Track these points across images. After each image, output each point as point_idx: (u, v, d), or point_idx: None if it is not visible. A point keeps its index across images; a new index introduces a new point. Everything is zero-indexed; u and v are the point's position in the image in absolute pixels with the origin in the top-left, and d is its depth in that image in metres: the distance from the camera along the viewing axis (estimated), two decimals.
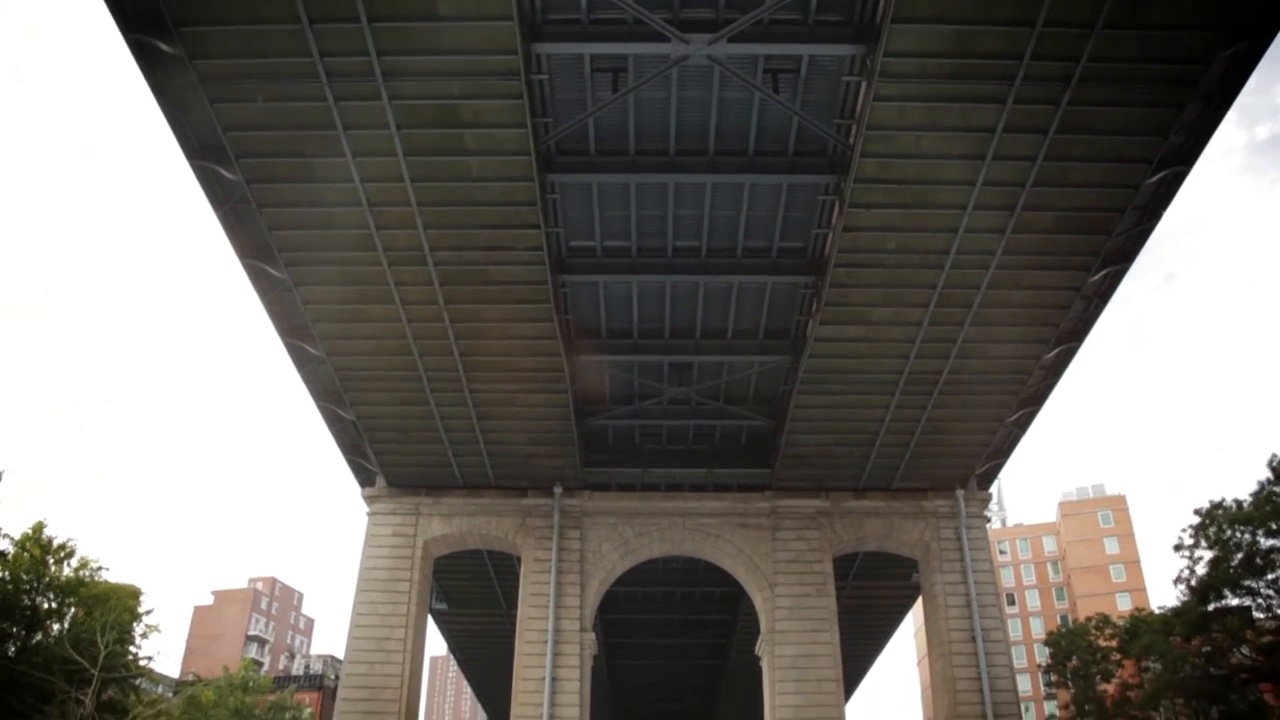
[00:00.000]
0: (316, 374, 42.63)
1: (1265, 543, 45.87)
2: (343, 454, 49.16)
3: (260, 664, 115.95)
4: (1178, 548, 48.59)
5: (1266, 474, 45.91)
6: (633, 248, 36.83)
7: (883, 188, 31.08)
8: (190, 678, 65.20)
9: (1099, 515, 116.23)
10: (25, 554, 43.88)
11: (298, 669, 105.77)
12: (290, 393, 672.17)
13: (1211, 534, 47.07)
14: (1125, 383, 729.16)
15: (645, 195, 34.55)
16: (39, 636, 43.89)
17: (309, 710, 70.05)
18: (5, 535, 42.86)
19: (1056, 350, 40.24)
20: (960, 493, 47.99)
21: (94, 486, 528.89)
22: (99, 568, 46.68)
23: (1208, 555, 47.85)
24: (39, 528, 44.98)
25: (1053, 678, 66.50)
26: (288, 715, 58.99)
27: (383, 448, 45.90)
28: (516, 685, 45.35)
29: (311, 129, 28.90)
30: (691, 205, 34.87)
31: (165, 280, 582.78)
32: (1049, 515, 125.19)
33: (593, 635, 46.69)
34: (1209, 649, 51.90)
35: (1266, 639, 48.76)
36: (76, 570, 45.76)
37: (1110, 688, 60.56)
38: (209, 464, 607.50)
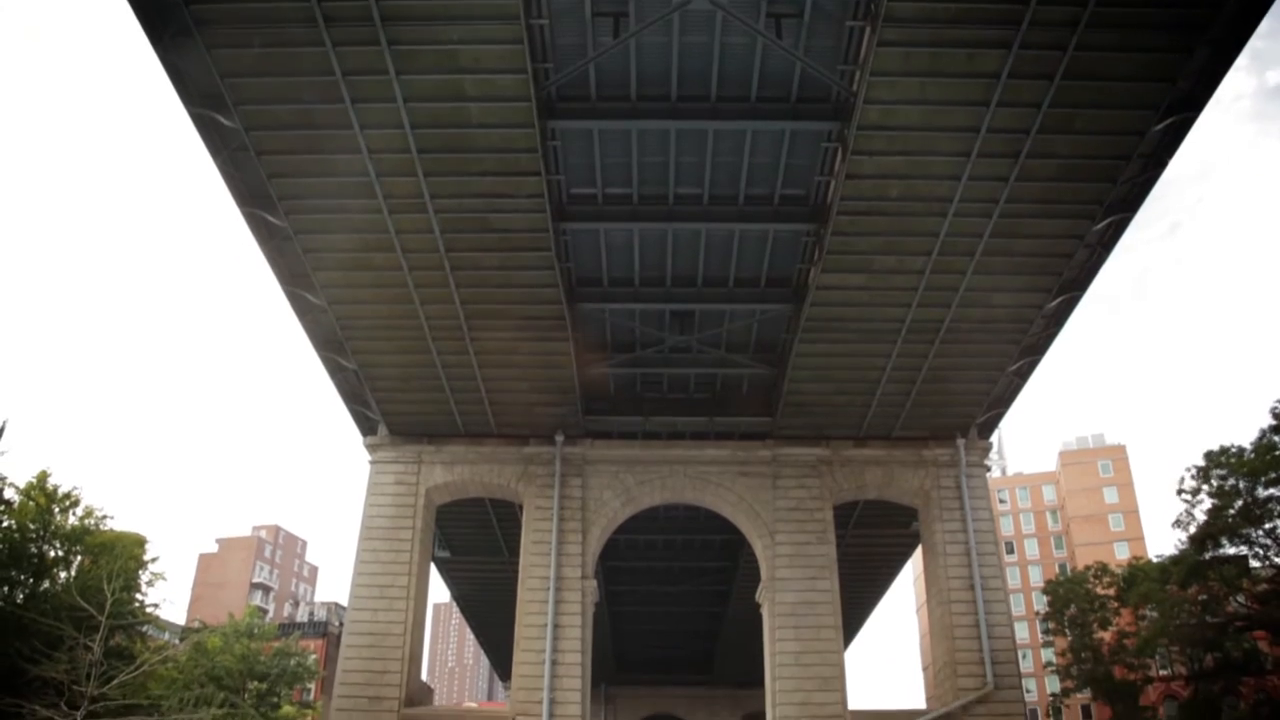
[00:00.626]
0: (317, 323, 42.63)
1: (1264, 492, 46.04)
2: (344, 403, 49.29)
3: (265, 611, 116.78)
4: (1179, 492, 48.81)
5: (1269, 421, 45.92)
6: (634, 195, 36.67)
7: (886, 134, 30.88)
8: (196, 624, 65.80)
9: (1099, 465, 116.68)
10: (31, 503, 44.17)
11: (302, 616, 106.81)
12: (292, 342, 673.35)
13: (1213, 481, 47.22)
14: (1127, 333, 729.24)
15: (646, 142, 34.34)
16: (46, 584, 44.30)
17: (314, 656, 70.78)
18: (11, 484, 43.11)
19: (1059, 299, 40.17)
20: (961, 441, 48.13)
21: (97, 437, 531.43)
22: (104, 516, 47.04)
23: (1208, 502, 48.07)
24: (43, 477, 45.21)
25: (1050, 625, 67.07)
26: (293, 661, 59.48)
27: (384, 396, 46.01)
28: (519, 632, 45.82)
29: (310, 75, 28.70)
30: (693, 152, 34.66)
31: (166, 230, 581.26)
32: (1049, 465, 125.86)
33: (594, 582, 47.09)
34: (1205, 597, 52.31)
35: (1262, 587, 49.13)
36: (81, 519, 46.05)
37: (1107, 635, 61.10)
38: (211, 414, 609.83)
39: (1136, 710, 59.84)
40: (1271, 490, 45.94)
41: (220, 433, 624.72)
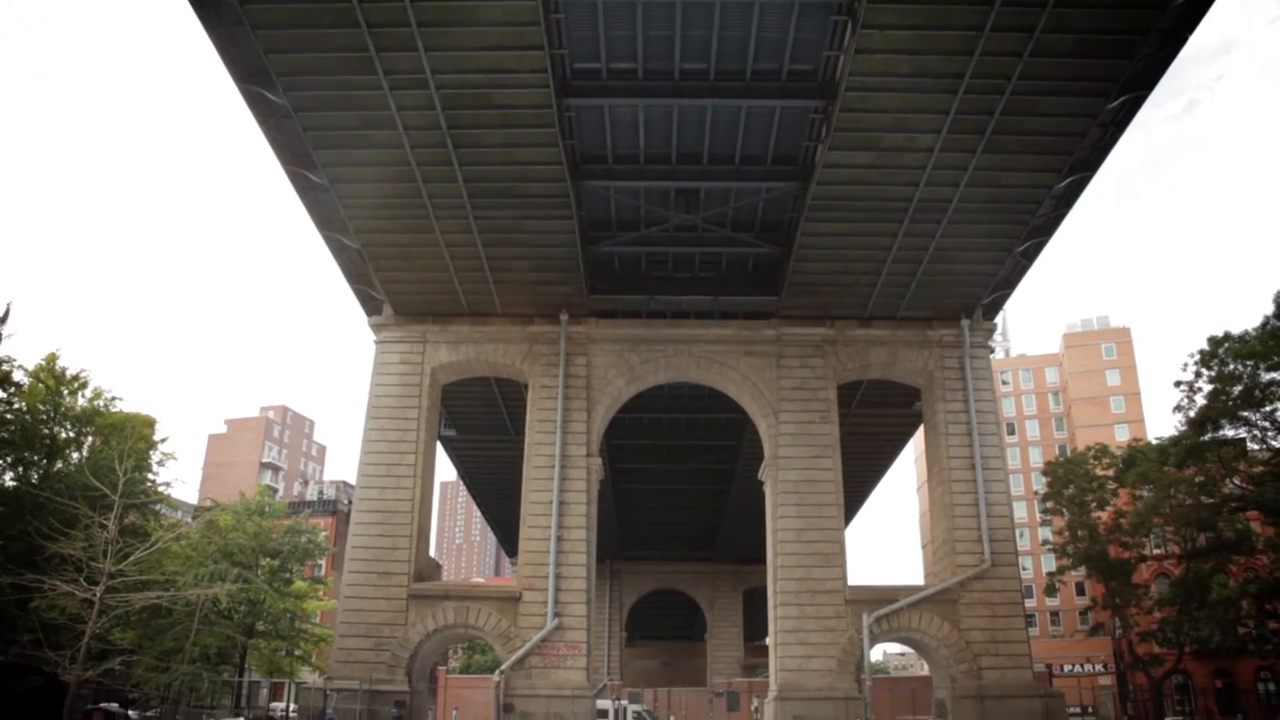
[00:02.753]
0: (319, 202, 42.34)
1: (1266, 376, 46.11)
2: (348, 283, 49.26)
3: (275, 490, 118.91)
4: (1178, 384, 48.92)
5: (1272, 308, 45.76)
6: (639, 70, 35.95)
7: (897, 7, 30.06)
8: (208, 503, 66.79)
9: (1102, 347, 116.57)
10: (40, 385, 44.40)
11: (311, 495, 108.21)
12: (296, 222, 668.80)
13: (1214, 365, 47.24)
14: (1138, 215, 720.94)
15: (652, 14, 33.48)
16: (59, 465, 44.82)
17: (324, 534, 71.93)
18: (19, 367, 43.31)
19: (1069, 180, 39.69)
20: (965, 322, 48.15)
21: (104, 321, 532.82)
22: (113, 398, 47.34)
23: (1208, 386, 48.17)
24: (52, 359, 45.31)
25: (1049, 505, 67.78)
26: (303, 538, 60.49)
27: (388, 276, 45.91)
28: (525, 509, 46.58)
29: None
30: (700, 25, 33.81)
31: (167, 111, 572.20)
32: (1053, 347, 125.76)
33: (599, 460, 47.65)
34: (1202, 479, 52.81)
35: (1259, 469, 49.57)
36: (91, 400, 46.32)
37: (1104, 515, 61.93)
38: (218, 296, 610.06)
39: (1129, 587, 60.99)
40: (1273, 375, 45.94)
41: (227, 315, 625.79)
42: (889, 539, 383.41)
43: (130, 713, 46.36)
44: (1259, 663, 68.59)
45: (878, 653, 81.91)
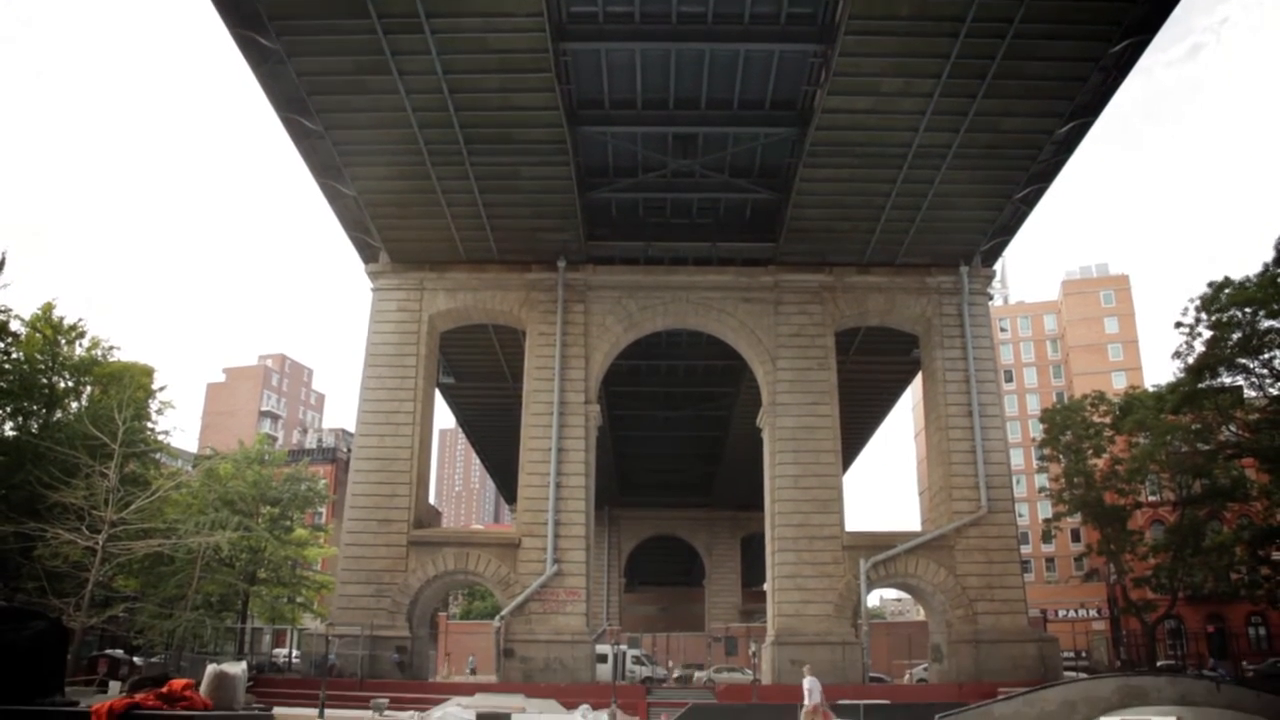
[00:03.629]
0: (315, 149, 42.04)
1: (1265, 323, 45.96)
2: (345, 230, 49.04)
3: (274, 438, 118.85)
4: (1178, 325, 48.75)
5: (1272, 254, 45.52)
6: (636, 13, 35.55)
7: None
8: (208, 452, 66.89)
9: (1101, 294, 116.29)
10: (38, 335, 44.35)
11: (310, 443, 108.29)
12: (292, 170, 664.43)
13: (1214, 311, 47.09)
14: (1139, 161, 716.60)
15: None
16: (59, 414, 44.92)
17: (323, 481, 72.13)
18: (16, 317, 43.26)
19: (1070, 125, 39.42)
20: (964, 269, 48.04)
21: (101, 271, 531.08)
22: (110, 347, 47.33)
23: (1207, 334, 48.04)
24: (48, 308, 45.22)
25: (1045, 451, 68.01)
26: (303, 486, 60.65)
27: (385, 223, 45.70)
28: (523, 455, 46.74)
29: None
30: None
31: (158, 57, 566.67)
32: (1052, 294, 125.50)
33: (597, 407, 47.77)
34: (1198, 426, 52.91)
35: (1255, 416, 49.62)
36: (88, 350, 46.33)
37: (1100, 462, 62.13)
38: (213, 245, 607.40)
39: (1124, 534, 61.34)
40: (1272, 322, 45.80)
41: (224, 265, 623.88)
42: (886, 486, 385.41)
43: (135, 659, 46.84)
44: (1250, 608, 69.26)
45: (874, 598, 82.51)
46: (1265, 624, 73.24)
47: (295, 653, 58.92)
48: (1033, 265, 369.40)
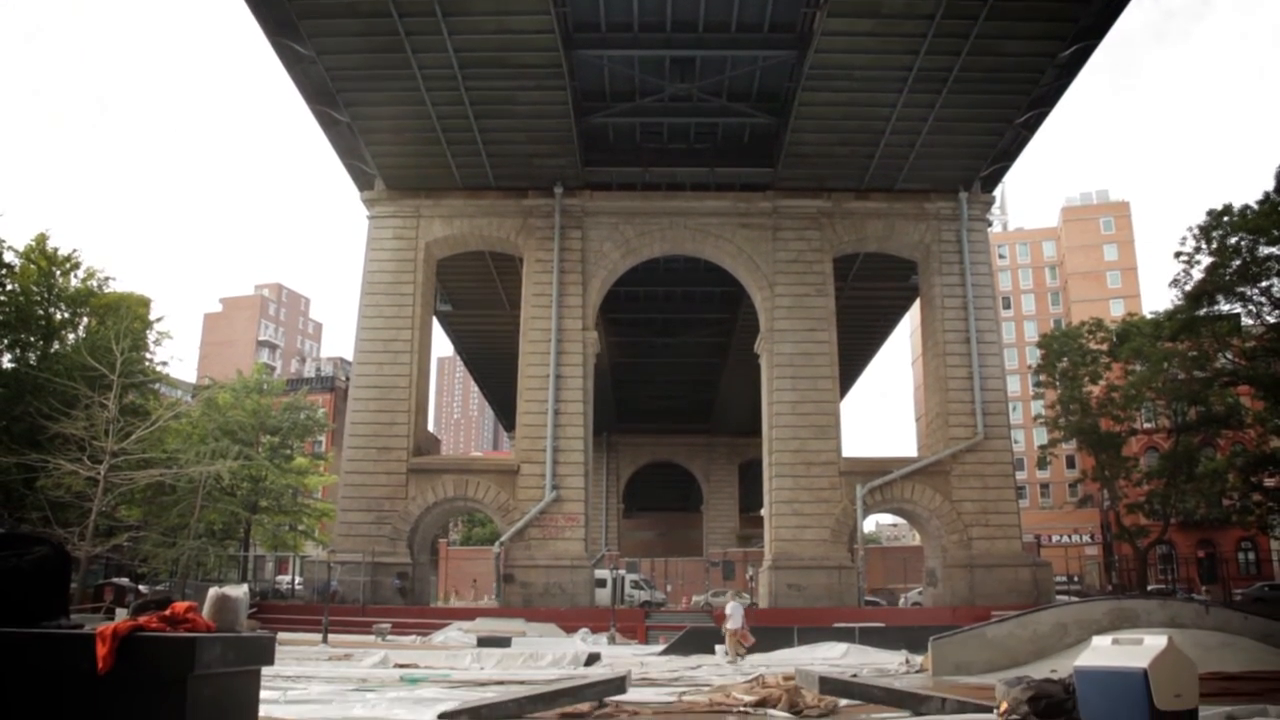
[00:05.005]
0: (307, 74, 41.44)
1: (1264, 250, 45.74)
2: (340, 158, 48.51)
3: (272, 368, 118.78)
4: (1178, 254, 48.54)
5: (1273, 182, 45.18)
6: None
7: None
8: (206, 382, 66.93)
9: (1100, 221, 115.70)
10: (32, 266, 44.17)
11: (309, 372, 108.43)
12: (284, 97, 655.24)
13: (1214, 239, 46.84)
14: (1143, 86, 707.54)
15: None
16: (56, 346, 44.87)
17: (322, 410, 72.34)
18: (10, 248, 43.05)
19: (1073, 48, 38.88)
20: (963, 195, 47.74)
21: (94, 201, 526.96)
22: (106, 278, 47.12)
23: (1206, 261, 47.81)
24: (42, 239, 44.93)
25: (1041, 378, 68.04)
26: (302, 415, 60.80)
27: (379, 150, 45.28)
28: (521, 383, 46.84)
29: None
30: None
31: None
32: (1051, 221, 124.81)
33: (595, 334, 47.76)
34: (1195, 353, 52.91)
35: (1251, 344, 49.60)
36: (84, 281, 46.14)
37: (1097, 389, 62.25)
38: (207, 174, 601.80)
39: (1119, 460, 61.67)
40: (1272, 249, 45.59)
41: (217, 194, 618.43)
42: (883, 412, 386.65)
43: (140, 587, 47.37)
44: (1241, 533, 70.06)
45: (870, 523, 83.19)
46: (1255, 549, 74.13)
47: (298, 580, 59.55)
48: (1033, 192, 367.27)
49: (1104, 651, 6.26)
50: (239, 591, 6.13)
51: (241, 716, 5.77)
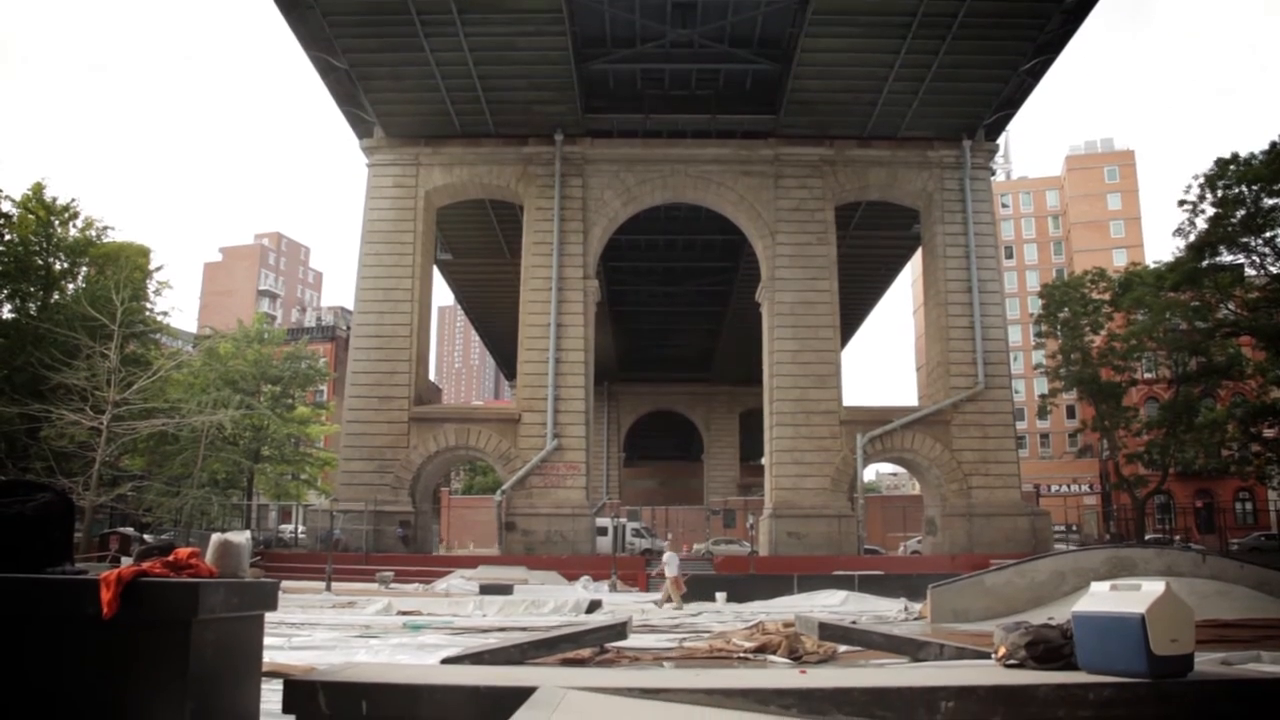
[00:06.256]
0: (304, 20, 40.97)
1: (1269, 201, 45.47)
2: (338, 105, 48.12)
3: (273, 317, 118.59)
4: (1181, 203, 48.25)
5: None
6: None
7: None
8: (207, 332, 66.88)
9: (1105, 170, 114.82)
10: (30, 216, 43.97)
11: (309, 321, 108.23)
12: (282, 45, 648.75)
13: (1219, 189, 46.54)
14: (1150, 35, 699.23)
15: None
16: (56, 296, 44.78)
17: (323, 360, 72.33)
18: (7, 197, 42.84)
19: None
20: (967, 143, 47.39)
21: (92, 151, 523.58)
22: (105, 227, 46.88)
23: (1210, 211, 47.54)
24: (38, 188, 44.63)
25: (1043, 327, 67.90)
26: (303, 365, 60.82)
27: (378, 97, 44.91)
28: (522, 332, 46.81)
29: None
30: None
31: None
32: (1055, 170, 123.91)
33: (596, 282, 47.66)
34: (1197, 304, 52.78)
35: (1254, 295, 49.47)
36: (83, 230, 45.92)
37: (1098, 339, 62.16)
38: (204, 123, 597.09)
39: (1119, 410, 61.72)
40: (1276, 200, 45.34)
41: (215, 143, 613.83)
42: (884, 362, 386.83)
43: (145, 536, 47.71)
44: (1239, 484, 70.38)
45: (870, 472, 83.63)
46: (1252, 499, 74.49)
47: (301, 529, 59.95)
48: (1037, 140, 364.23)
49: (1102, 597, 6.30)
50: (241, 537, 6.15)
51: (245, 661, 5.82)
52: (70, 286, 46.26)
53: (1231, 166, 46.08)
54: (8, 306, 44.16)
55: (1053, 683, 5.73)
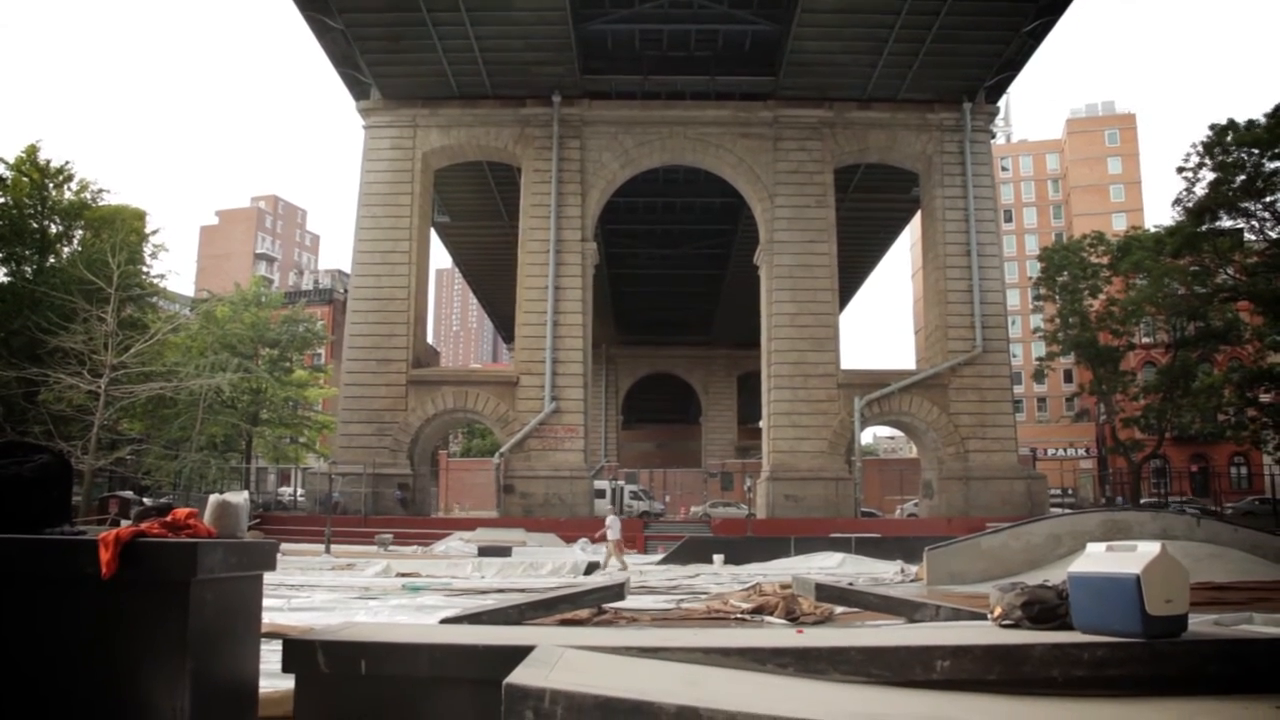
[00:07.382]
0: None
1: (1269, 165, 45.26)
2: (334, 66, 47.76)
3: (270, 280, 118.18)
4: (1180, 170, 48.05)
5: None
6: None
7: None
8: (204, 295, 66.72)
9: (1105, 134, 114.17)
10: (24, 178, 43.71)
11: (306, 284, 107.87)
12: (276, 5, 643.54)
13: (1218, 154, 46.30)
14: None
15: None
16: (52, 259, 44.64)
17: (321, 323, 72.16)
18: (1, 160, 42.63)
19: None
20: (967, 105, 47.13)
21: (84, 113, 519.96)
22: (100, 190, 46.65)
23: (1210, 176, 47.32)
24: (32, 150, 44.33)
25: (1041, 291, 67.78)
26: (301, 328, 60.78)
27: (375, 58, 44.58)
28: (520, 294, 46.76)
29: None
30: None
31: None
32: (1056, 133, 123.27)
33: (594, 245, 47.57)
34: (1196, 268, 52.67)
35: (1253, 260, 49.38)
36: (78, 193, 45.69)
37: (1096, 303, 62.09)
38: (199, 85, 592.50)
39: (1116, 375, 61.78)
40: (1277, 164, 45.12)
41: (210, 104, 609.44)
42: (882, 325, 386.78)
43: (145, 499, 47.86)
44: (1234, 448, 70.58)
45: (868, 435, 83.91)
46: (1247, 464, 74.70)
47: (300, 492, 60.17)
48: (1037, 103, 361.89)
49: (1097, 558, 6.32)
50: (239, 498, 6.15)
51: (244, 621, 5.84)
52: (66, 250, 46.10)
53: (1230, 133, 45.83)
54: (3, 270, 44.04)
55: (1048, 642, 5.76)
